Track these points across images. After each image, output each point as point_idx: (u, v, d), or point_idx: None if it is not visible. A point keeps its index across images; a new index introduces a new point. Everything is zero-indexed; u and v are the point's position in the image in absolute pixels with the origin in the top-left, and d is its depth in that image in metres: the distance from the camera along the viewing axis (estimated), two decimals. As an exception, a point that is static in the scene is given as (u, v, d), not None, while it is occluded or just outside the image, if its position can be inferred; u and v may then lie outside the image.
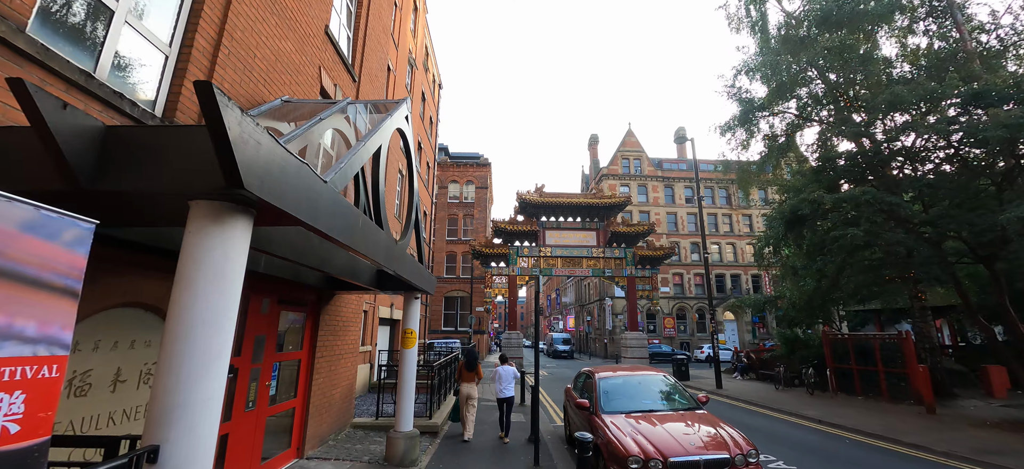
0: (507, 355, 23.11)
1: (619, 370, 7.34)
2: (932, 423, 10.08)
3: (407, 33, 18.80)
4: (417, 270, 5.77)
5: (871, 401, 13.37)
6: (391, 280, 6.14)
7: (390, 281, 6.14)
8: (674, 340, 38.60)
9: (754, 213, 44.20)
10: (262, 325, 5.02)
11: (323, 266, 4.16)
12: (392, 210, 15.27)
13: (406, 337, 6.34)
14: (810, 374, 14.96)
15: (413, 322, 6.43)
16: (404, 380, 6.25)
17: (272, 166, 2.03)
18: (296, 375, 5.97)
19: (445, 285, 36.77)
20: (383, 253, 4.13)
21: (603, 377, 6.90)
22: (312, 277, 5.57)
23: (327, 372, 6.70)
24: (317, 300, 6.43)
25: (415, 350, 6.38)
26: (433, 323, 35.46)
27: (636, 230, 27.19)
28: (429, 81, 24.98)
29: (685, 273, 41.44)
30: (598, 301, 43.12)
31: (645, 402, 6.29)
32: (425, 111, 23.97)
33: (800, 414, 11.67)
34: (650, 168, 44.30)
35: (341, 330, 7.25)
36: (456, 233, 38.72)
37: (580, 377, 8.27)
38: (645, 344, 25.71)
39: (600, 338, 41.99)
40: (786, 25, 17.03)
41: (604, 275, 27.36)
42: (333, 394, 6.91)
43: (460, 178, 40.64)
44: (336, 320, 7.06)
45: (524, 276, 27.19)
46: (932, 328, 13.58)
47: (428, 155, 25.01)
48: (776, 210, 13.58)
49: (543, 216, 27.79)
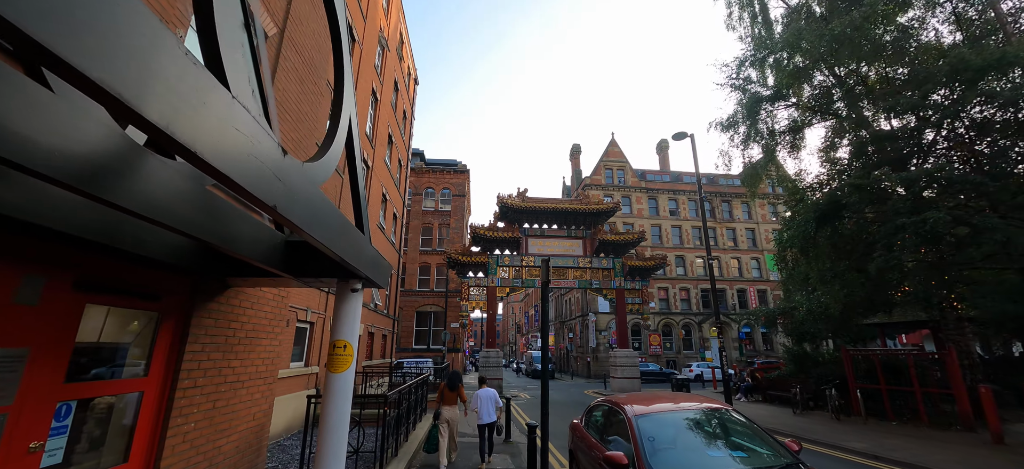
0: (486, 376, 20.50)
1: (659, 402, 5.07)
2: (1016, 457, 8.23)
3: (377, 6, 16.52)
4: (351, 240, 3.41)
5: (910, 427, 11.56)
6: (306, 257, 3.74)
7: (305, 258, 3.74)
8: (660, 358, 36.77)
9: (738, 227, 43.47)
10: (24, 327, 2.54)
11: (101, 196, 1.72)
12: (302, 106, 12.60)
13: (335, 355, 3.88)
14: (833, 395, 13.11)
15: (347, 330, 3.97)
16: (328, 427, 3.78)
17: None
18: (133, 420, 3.42)
19: (418, 299, 33.88)
20: (253, 172, 1.83)
21: (641, 414, 4.60)
22: (162, 247, 3.10)
23: (207, 413, 4.13)
24: (187, 292, 3.91)
25: (350, 374, 3.92)
26: (403, 340, 32.41)
27: (625, 239, 25.35)
28: (403, 72, 22.71)
29: (670, 287, 39.97)
30: (580, 317, 41.02)
31: (715, 456, 4.04)
32: (398, 103, 21.64)
33: (843, 446, 9.67)
34: (634, 179, 43.09)
35: (242, 344, 4.71)
36: (431, 243, 36.08)
37: (596, 411, 5.94)
38: (636, 362, 23.58)
39: (582, 356, 39.75)
40: (794, 11, 15.74)
41: (591, 287, 25.27)
42: (218, 447, 4.33)
43: (436, 185, 38.22)
44: (231, 328, 4.53)
45: (504, 287, 24.77)
46: (970, 341, 11.99)
47: (400, 152, 22.57)
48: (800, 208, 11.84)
49: (525, 222, 25.60)
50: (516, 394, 22.08)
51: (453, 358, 32.37)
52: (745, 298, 40.57)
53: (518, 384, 30.68)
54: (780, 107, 16.04)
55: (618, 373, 23.22)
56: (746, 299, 40.44)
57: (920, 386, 12.05)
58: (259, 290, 5.08)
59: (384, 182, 18.37)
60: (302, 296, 10.75)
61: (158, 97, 1.28)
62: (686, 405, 4.91)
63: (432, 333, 33.46)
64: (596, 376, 35.48)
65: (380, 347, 18.65)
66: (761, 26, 16.91)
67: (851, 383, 13.56)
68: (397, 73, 20.97)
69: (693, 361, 34.63)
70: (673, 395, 5.64)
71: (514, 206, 24.70)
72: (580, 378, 37.22)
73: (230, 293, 4.54)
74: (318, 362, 11.32)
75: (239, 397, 4.73)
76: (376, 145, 16.93)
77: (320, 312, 11.54)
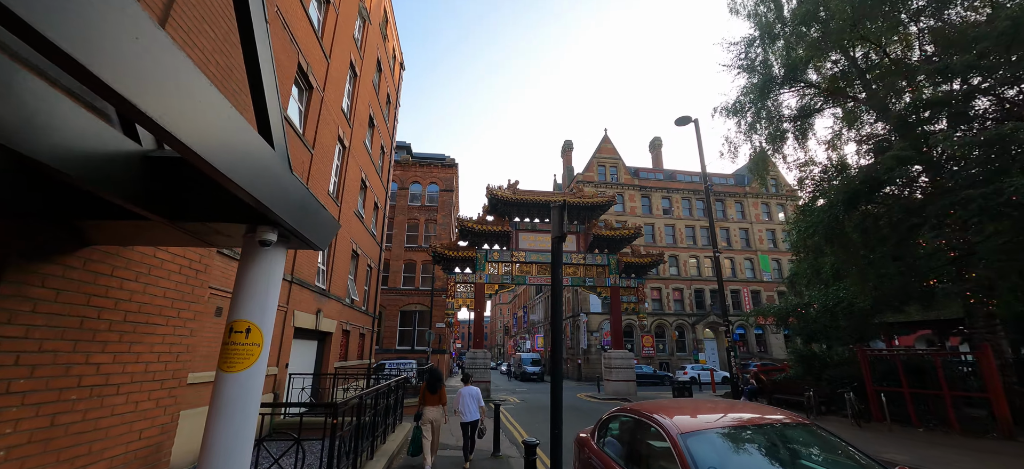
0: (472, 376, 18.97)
1: (704, 413, 3.73)
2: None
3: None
4: (255, 156, 2.03)
5: (940, 434, 10.50)
6: (184, 188, 2.33)
7: (182, 189, 2.33)
8: (653, 360, 35.71)
9: (731, 227, 42.80)
10: None
11: None
12: None
13: (231, 345, 2.44)
14: (853, 399, 12.01)
15: (253, 306, 2.54)
16: (215, 454, 2.34)
17: None
18: None
19: (402, 297, 32.27)
20: None
21: (689, 431, 3.25)
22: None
23: (38, 433, 2.66)
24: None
25: (254, 375, 2.50)
26: (386, 341, 30.76)
27: (621, 234, 24.16)
28: (387, 52, 21.21)
29: (664, 287, 39.01)
30: (571, 318, 39.80)
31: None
32: (382, 84, 20.13)
33: (880, 458, 8.49)
34: (627, 176, 42.10)
35: (115, 331, 3.25)
36: (416, 239, 34.53)
37: (612, 423, 4.59)
38: (632, 364, 22.36)
39: (573, 358, 38.51)
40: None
41: (585, 284, 24.03)
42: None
43: (423, 180, 36.71)
44: (94, 306, 3.07)
45: (493, 284, 23.36)
46: (1002, 341, 11.00)
47: (383, 137, 21.03)
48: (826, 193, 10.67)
49: (516, 216, 24.24)
50: (505, 398, 20.64)
51: (438, 360, 30.80)
52: (739, 299, 39.84)
53: (507, 387, 29.25)
54: (787, 93, 15.03)
55: (613, 375, 21.98)
56: (740, 300, 39.71)
57: (949, 389, 11.02)
58: (151, 255, 3.60)
59: (364, 166, 16.84)
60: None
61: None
62: (746, 417, 3.59)
63: (417, 333, 31.87)
64: (588, 378, 34.25)
65: (357, 347, 17.06)
66: (772, 6, 15.86)
67: (869, 386, 12.50)
68: (381, 52, 19.47)
69: (687, 363, 33.63)
70: (715, 402, 4.32)
71: (504, 198, 23.34)
72: (571, 380, 35.95)
73: (91, 254, 3.06)
74: (277, 362, 9.76)
75: (110, 408, 3.24)
76: (355, 124, 15.41)
77: (285, 306, 9.99)
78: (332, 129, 13.08)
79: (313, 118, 11.57)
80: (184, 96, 1.54)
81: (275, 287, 2.71)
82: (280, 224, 2.57)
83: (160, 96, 1.42)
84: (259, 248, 2.63)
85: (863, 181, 8.43)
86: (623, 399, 20.12)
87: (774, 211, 44.11)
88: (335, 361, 13.90)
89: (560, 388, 4.34)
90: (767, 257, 41.65)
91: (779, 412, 3.71)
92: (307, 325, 11.58)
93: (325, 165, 12.58)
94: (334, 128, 13.24)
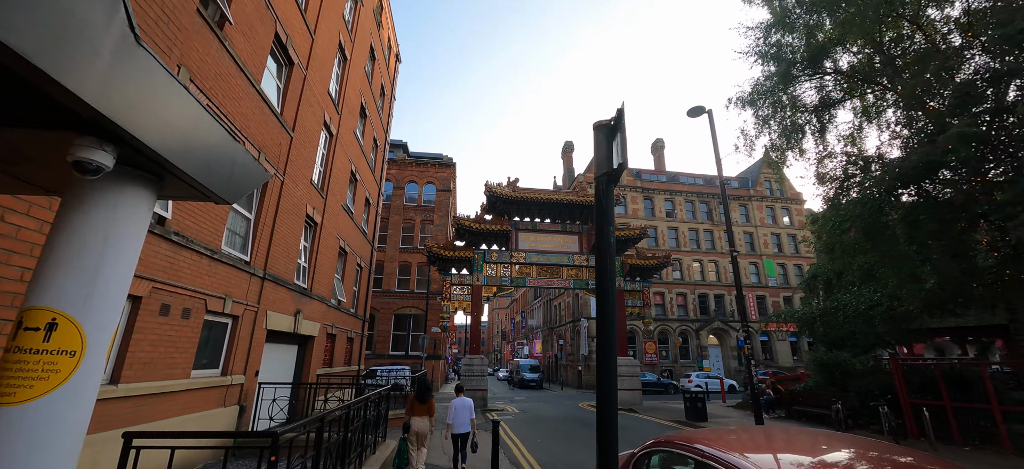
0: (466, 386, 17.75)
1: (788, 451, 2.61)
2: None
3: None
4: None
5: (990, 453, 9.39)
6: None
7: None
8: (656, 367, 34.54)
9: (735, 231, 41.75)
10: None
11: None
12: None
13: (11, 359, 1.32)
14: (887, 413, 10.88)
15: (64, 283, 1.43)
16: None
17: None
18: None
19: (396, 300, 31.05)
20: None
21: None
22: None
23: None
24: None
25: (58, 403, 1.39)
26: (379, 345, 29.50)
27: (626, 235, 23.06)
28: (381, 41, 20.15)
29: (667, 292, 37.89)
30: (571, 323, 38.61)
31: None
32: (375, 74, 19.05)
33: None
34: (629, 178, 41.08)
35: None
36: (412, 240, 33.35)
37: (653, 456, 3.45)
38: (637, 372, 21.16)
39: (573, 365, 37.28)
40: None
41: (587, 287, 22.88)
42: None
43: (419, 179, 35.60)
44: None
45: (491, 286, 22.19)
46: (1056, 351, 9.91)
47: (376, 130, 19.93)
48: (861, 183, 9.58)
49: (516, 216, 23.11)
50: (503, 409, 19.40)
51: (432, 366, 29.54)
52: (743, 305, 38.71)
53: (505, 395, 27.97)
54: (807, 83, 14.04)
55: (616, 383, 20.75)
56: (744, 305, 38.59)
57: (998, 403, 9.92)
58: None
59: (354, 157, 15.72)
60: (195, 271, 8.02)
61: None
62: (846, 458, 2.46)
63: (411, 338, 30.64)
64: (588, 386, 33.04)
65: (344, 352, 15.85)
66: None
67: (903, 397, 11.39)
68: (374, 39, 18.42)
69: (691, 370, 32.45)
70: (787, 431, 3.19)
71: (504, 196, 22.22)
72: (570, 388, 34.73)
73: None
74: (245, 370, 8.57)
75: None
76: (344, 112, 14.31)
77: (253, 306, 8.82)
78: (317, 113, 11.97)
79: (293, 98, 10.47)
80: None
81: (120, 255, 1.57)
82: (124, 138, 1.44)
83: None
84: (83, 182, 1.51)
85: (917, 164, 7.34)
86: (628, 409, 18.92)
87: (779, 215, 43.13)
88: (318, 368, 12.71)
89: (614, 415, 3.18)
90: (772, 262, 40.61)
91: (909, 452, 2.59)
92: (284, 328, 10.40)
93: (308, 151, 11.46)
94: (319, 112, 12.13)
